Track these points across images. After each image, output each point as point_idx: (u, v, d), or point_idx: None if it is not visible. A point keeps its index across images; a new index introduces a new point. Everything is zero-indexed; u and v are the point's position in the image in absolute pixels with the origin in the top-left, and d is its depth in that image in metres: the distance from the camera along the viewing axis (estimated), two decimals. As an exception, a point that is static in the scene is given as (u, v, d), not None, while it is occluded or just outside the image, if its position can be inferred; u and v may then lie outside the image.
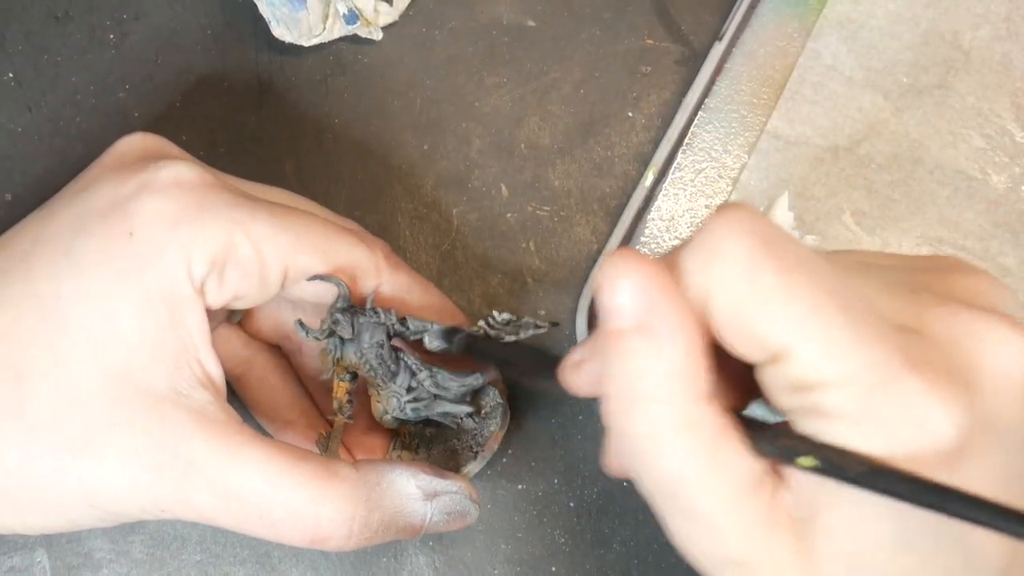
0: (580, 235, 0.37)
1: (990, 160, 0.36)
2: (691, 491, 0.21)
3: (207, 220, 0.27)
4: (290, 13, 0.35)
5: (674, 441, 0.21)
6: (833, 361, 0.20)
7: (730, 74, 0.36)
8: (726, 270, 0.20)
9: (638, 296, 0.20)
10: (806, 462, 0.20)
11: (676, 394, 0.21)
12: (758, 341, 0.20)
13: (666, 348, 0.20)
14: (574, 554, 0.36)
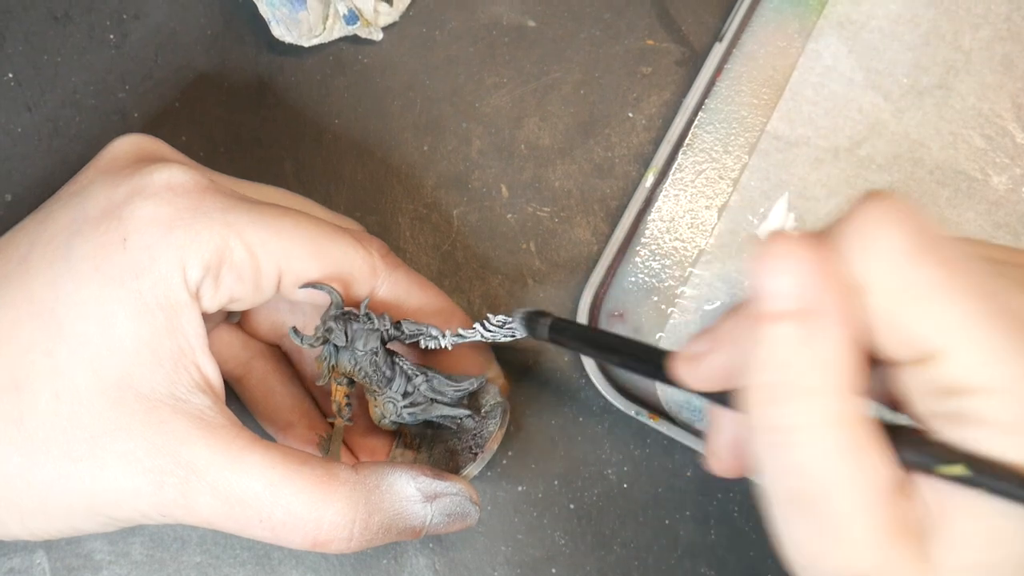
0: (580, 236, 0.37)
1: (991, 161, 0.36)
2: (831, 492, 0.20)
3: (201, 224, 0.27)
4: (290, 13, 0.35)
5: (824, 436, 0.20)
6: (990, 367, 0.19)
7: (730, 75, 0.36)
8: (885, 258, 0.20)
9: (799, 280, 0.20)
10: (953, 471, 0.19)
11: (831, 386, 0.20)
12: (910, 337, 0.20)
13: (825, 336, 0.19)
14: (574, 556, 0.36)
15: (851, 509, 0.20)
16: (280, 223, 0.29)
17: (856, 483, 0.20)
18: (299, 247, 0.29)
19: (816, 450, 0.20)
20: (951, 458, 0.19)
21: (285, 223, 0.29)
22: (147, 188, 0.27)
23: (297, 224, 0.29)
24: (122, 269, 0.27)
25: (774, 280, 0.20)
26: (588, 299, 0.36)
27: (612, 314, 0.36)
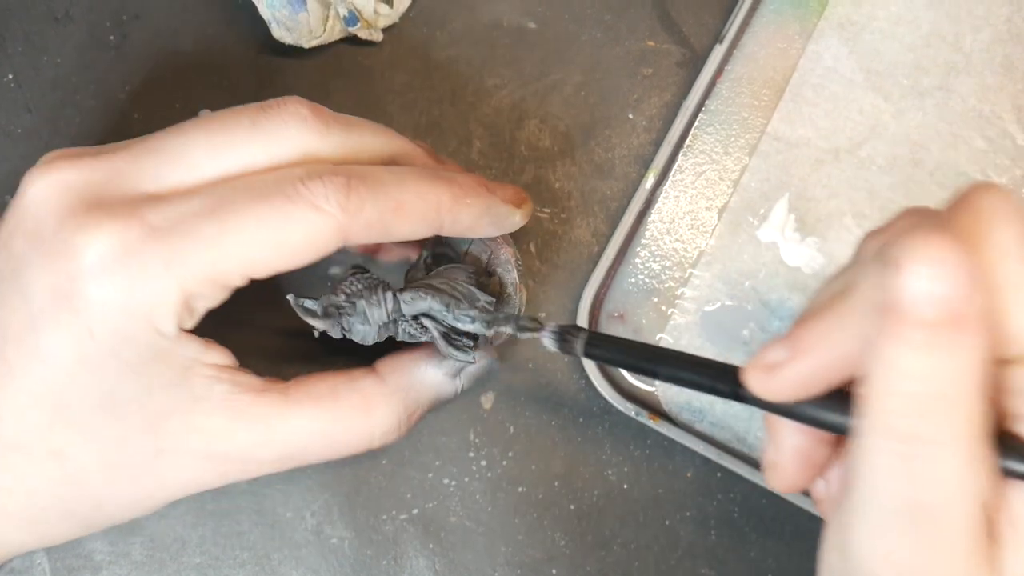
0: (580, 237, 0.37)
1: (991, 162, 0.36)
2: (955, 505, 0.19)
3: (158, 286, 0.26)
4: (290, 15, 0.35)
5: (964, 448, 0.19)
6: None
7: (731, 76, 0.36)
8: (1004, 252, 0.19)
9: (952, 285, 0.18)
10: None
11: (970, 398, 0.19)
12: (1021, 335, 0.19)
13: (972, 344, 0.19)
14: (575, 556, 0.36)
15: (964, 523, 0.19)
16: (225, 231, 0.26)
17: (974, 497, 0.19)
18: (256, 245, 0.26)
19: (954, 463, 0.19)
20: None
21: (230, 227, 0.26)
22: (88, 267, 0.26)
23: (244, 220, 0.26)
24: (101, 354, 0.26)
25: (925, 283, 0.19)
26: (588, 300, 0.36)
27: (612, 315, 0.36)
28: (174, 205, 0.26)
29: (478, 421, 0.36)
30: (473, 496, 0.36)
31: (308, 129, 0.27)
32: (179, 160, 0.27)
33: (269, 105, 0.28)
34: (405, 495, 0.36)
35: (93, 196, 0.26)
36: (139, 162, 0.27)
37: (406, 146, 0.30)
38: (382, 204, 0.27)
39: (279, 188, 0.26)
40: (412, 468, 0.36)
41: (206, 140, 0.27)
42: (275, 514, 0.36)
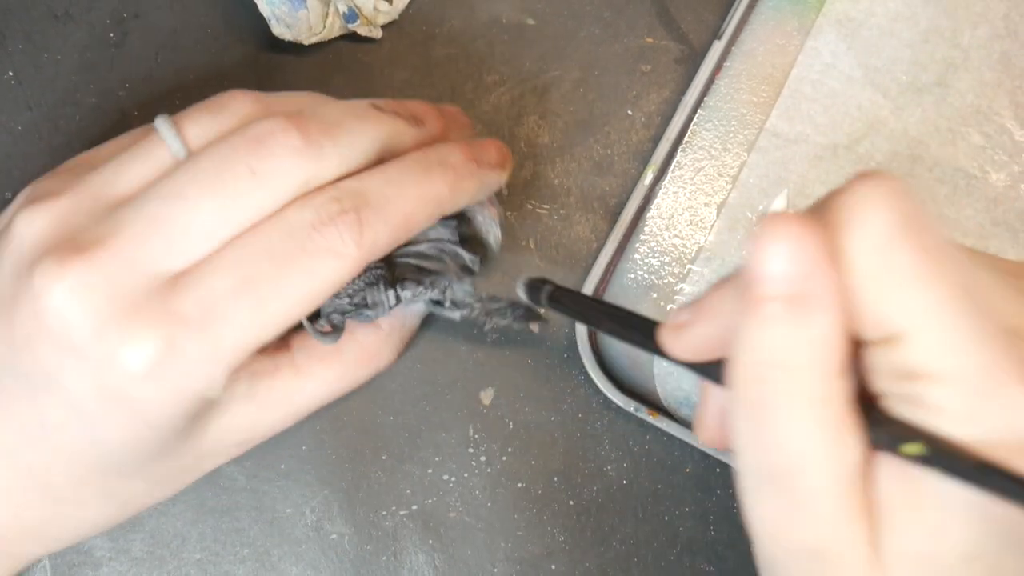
0: (580, 233, 0.37)
1: (989, 158, 0.36)
2: (807, 469, 0.20)
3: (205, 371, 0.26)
4: (290, 12, 0.35)
5: (806, 415, 0.20)
6: (949, 356, 0.19)
7: (729, 72, 0.37)
8: (868, 238, 0.20)
9: (795, 263, 0.20)
10: (912, 449, 0.20)
11: (819, 371, 0.20)
12: (880, 317, 0.20)
13: (817, 319, 0.20)
14: (574, 552, 0.36)
15: (821, 487, 0.20)
16: (260, 306, 0.26)
17: (830, 463, 0.20)
18: (289, 307, 0.27)
19: (797, 428, 0.20)
20: (912, 437, 0.20)
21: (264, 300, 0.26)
22: (135, 373, 0.25)
23: (275, 289, 0.27)
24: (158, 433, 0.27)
25: (770, 262, 0.20)
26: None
27: (611, 311, 0.36)
28: (201, 286, 0.26)
29: (477, 417, 0.36)
30: (472, 492, 0.36)
31: (304, 159, 0.27)
32: (190, 233, 0.26)
33: (259, 141, 0.27)
34: (404, 491, 0.36)
35: (119, 298, 0.25)
36: (150, 245, 0.26)
37: (391, 128, 0.29)
38: (391, 224, 0.28)
39: (297, 244, 0.26)
40: (411, 464, 0.36)
41: (212, 204, 0.26)
42: (275, 510, 0.36)
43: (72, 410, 0.26)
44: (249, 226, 0.27)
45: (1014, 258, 0.36)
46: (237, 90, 0.29)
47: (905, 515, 0.21)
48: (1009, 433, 0.19)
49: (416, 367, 0.36)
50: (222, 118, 0.28)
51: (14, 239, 0.27)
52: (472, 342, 0.36)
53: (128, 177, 0.27)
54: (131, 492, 0.29)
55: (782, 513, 0.21)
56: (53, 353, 0.26)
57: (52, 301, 0.25)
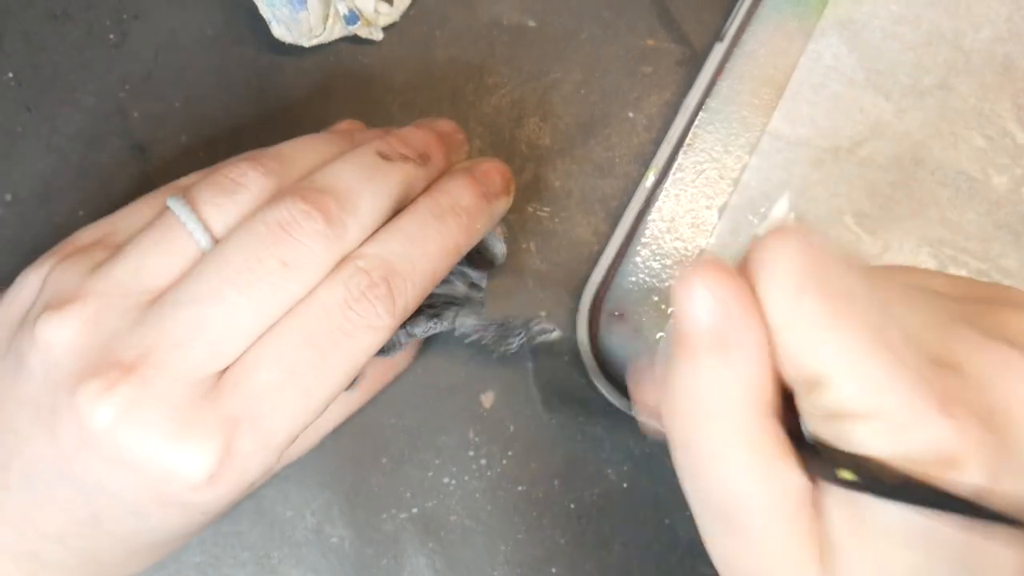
0: (581, 236, 0.37)
1: (991, 161, 0.36)
2: (747, 508, 0.21)
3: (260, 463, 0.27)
4: (290, 13, 0.35)
5: (738, 458, 0.21)
6: (868, 394, 0.20)
7: (731, 75, 0.36)
8: (778, 291, 0.21)
9: (717, 309, 0.20)
10: (846, 475, 0.20)
11: (746, 411, 0.21)
12: (799, 364, 0.21)
13: (740, 364, 0.21)
14: (574, 556, 0.36)
15: (765, 522, 0.21)
16: (307, 396, 0.27)
17: (769, 499, 0.21)
18: (335, 388, 0.27)
19: (732, 471, 0.21)
20: (845, 463, 0.20)
21: (309, 390, 0.27)
22: (200, 483, 0.26)
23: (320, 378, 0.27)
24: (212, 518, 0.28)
25: (692, 309, 0.21)
26: (588, 299, 0.36)
27: (612, 314, 0.36)
28: (247, 384, 0.26)
29: (478, 420, 0.36)
30: (473, 495, 0.36)
31: (329, 242, 0.27)
32: (230, 333, 0.26)
33: (285, 229, 0.26)
34: (405, 494, 0.36)
35: (169, 412, 0.25)
36: (192, 351, 0.26)
37: (403, 178, 0.29)
38: (419, 285, 0.28)
39: (334, 325, 0.26)
40: (412, 467, 0.36)
41: (249, 304, 0.26)
42: (275, 513, 0.36)
43: (127, 508, 0.26)
44: (284, 313, 0.26)
45: (1015, 264, 0.35)
46: (244, 161, 0.28)
47: (853, 544, 0.21)
48: (931, 453, 0.20)
49: (417, 370, 0.36)
50: (240, 199, 0.27)
51: (42, 346, 0.26)
52: (473, 346, 0.36)
53: (155, 271, 0.27)
54: (175, 548, 0.31)
55: (733, 547, 0.22)
56: (105, 468, 0.25)
57: (101, 423, 0.25)
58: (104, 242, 0.28)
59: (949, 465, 0.19)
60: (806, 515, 0.21)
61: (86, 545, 0.28)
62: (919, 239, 0.36)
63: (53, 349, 0.26)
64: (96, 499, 0.26)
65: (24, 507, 0.27)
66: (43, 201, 0.36)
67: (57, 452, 0.26)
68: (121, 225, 0.29)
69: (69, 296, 0.26)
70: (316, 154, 0.29)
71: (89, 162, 0.37)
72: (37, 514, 0.27)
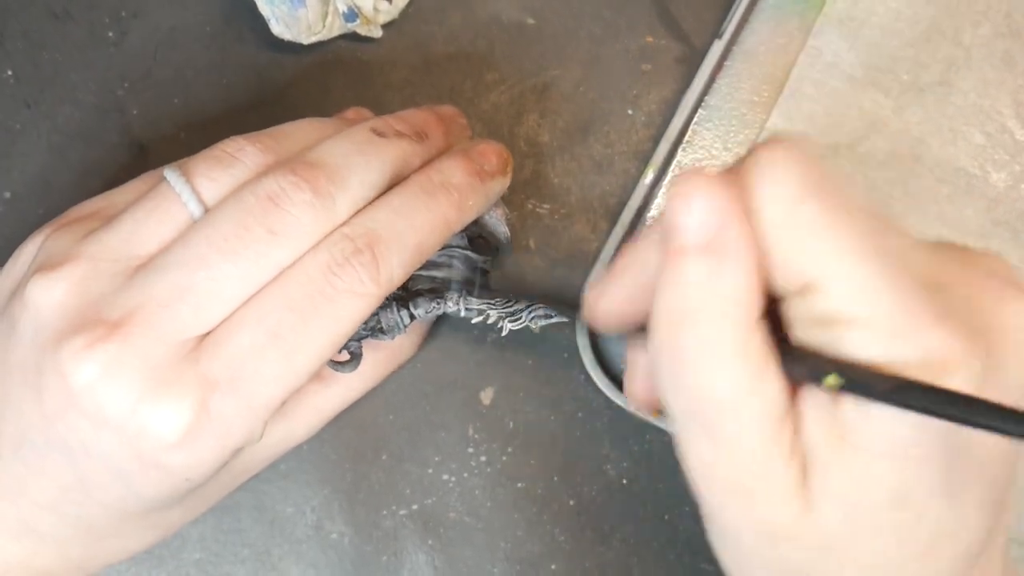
0: (580, 233, 0.37)
1: (990, 158, 0.36)
2: (729, 414, 0.21)
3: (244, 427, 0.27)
4: (289, 11, 0.35)
5: (724, 363, 0.21)
6: (862, 300, 0.20)
7: (730, 72, 0.36)
8: (777, 196, 0.21)
9: (708, 216, 0.21)
10: (832, 381, 0.20)
11: (733, 316, 0.21)
12: (793, 269, 0.21)
13: (730, 270, 0.21)
14: (574, 552, 0.36)
15: (745, 427, 0.21)
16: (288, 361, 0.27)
17: (751, 404, 0.21)
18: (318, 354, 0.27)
19: (716, 373, 0.21)
20: (832, 369, 0.20)
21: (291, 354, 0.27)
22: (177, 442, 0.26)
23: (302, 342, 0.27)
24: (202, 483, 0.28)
25: (686, 215, 0.21)
26: (588, 296, 0.36)
27: (612, 311, 0.36)
28: (228, 347, 0.26)
29: (477, 416, 0.36)
30: (472, 492, 0.36)
31: (317, 211, 0.27)
32: (214, 298, 0.26)
33: (273, 200, 0.27)
34: (404, 491, 0.36)
35: (150, 371, 0.26)
36: (176, 313, 0.26)
37: (396, 153, 0.29)
38: (405, 255, 0.28)
39: (317, 289, 0.27)
40: (411, 464, 0.36)
41: (235, 271, 0.26)
42: (275, 510, 0.36)
43: (111, 472, 0.27)
44: (269, 281, 0.27)
45: (1014, 260, 0.35)
46: (240, 138, 0.29)
47: (832, 457, 0.21)
48: (922, 360, 0.20)
49: (416, 366, 0.36)
50: (235, 172, 0.28)
51: (31, 307, 0.26)
52: (472, 342, 0.36)
53: (146, 238, 0.27)
54: (170, 520, 0.30)
55: (711, 453, 0.22)
56: (88, 426, 0.26)
57: (83, 380, 0.25)
58: (100, 214, 0.29)
59: (940, 371, 0.20)
60: (788, 426, 0.22)
61: (78, 513, 0.28)
62: (918, 235, 0.36)
63: (41, 310, 0.26)
64: (82, 463, 0.26)
65: (17, 476, 0.27)
66: (42, 199, 0.36)
67: (43, 414, 0.26)
68: (118, 198, 0.29)
69: (60, 259, 0.27)
70: (314, 133, 0.30)
71: (89, 160, 0.37)
72: (30, 483, 0.27)
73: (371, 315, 0.31)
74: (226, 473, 0.30)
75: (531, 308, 0.33)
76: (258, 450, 0.31)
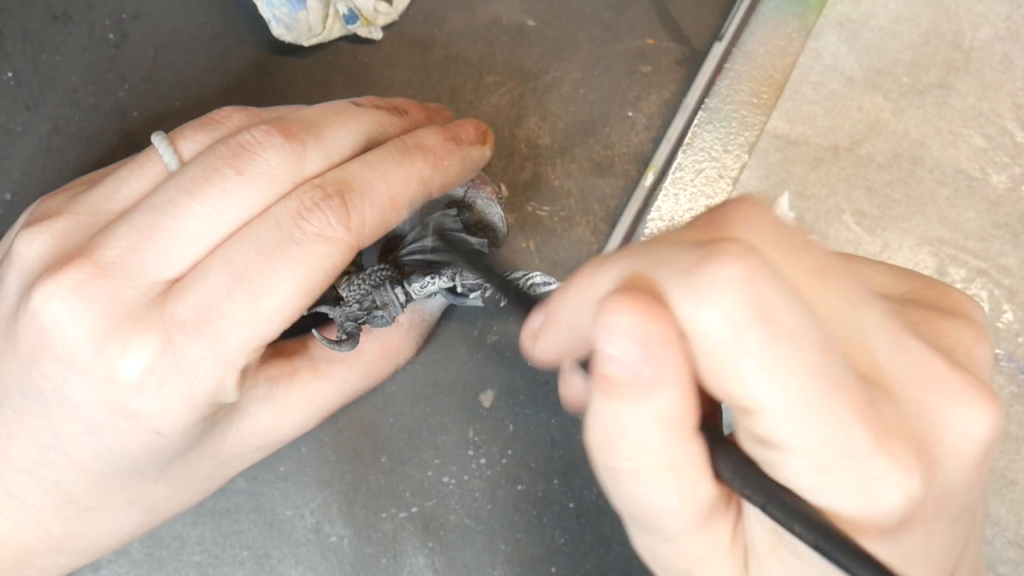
0: (580, 235, 0.37)
1: (990, 160, 0.36)
2: (666, 521, 0.21)
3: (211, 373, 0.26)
4: (290, 13, 0.35)
5: (656, 481, 0.21)
6: (800, 432, 0.20)
7: (730, 74, 0.36)
8: (713, 320, 0.19)
9: (635, 346, 0.20)
10: (756, 499, 0.20)
11: (663, 439, 0.20)
12: (729, 393, 0.20)
13: (658, 397, 0.20)
14: (574, 555, 0.36)
15: (683, 531, 0.21)
16: (256, 302, 0.27)
17: (689, 511, 0.21)
18: (286, 299, 0.27)
19: (651, 491, 0.21)
20: (757, 486, 0.20)
21: (258, 296, 0.27)
22: (139, 384, 0.26)
23: (269, 283, 0.27)
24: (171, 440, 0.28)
25: (612, 343, 0.20)
26: (588, 298, 0.36)
27: (612, 313, 0.36)
28: (195, 290, 0.26)
29: (477, 419, 0.36)
30: (472, 494, 0.36)
31: (287, 154, 0.28)
32: (181, 238, 0.27)
33: (243, 146, 0.27)
34: (404, 493, 0.36)
35: (115, 309, 0.26)
36: (143, 253, 0.26)
37: (373, 119, 0.30)
38: (378, 205, 0.28)
39: (286, 234, 0.27)
40: (411, 466, 0.36)
41: (201, 209, 0.27)
42: (274, 512, 0.36)
43: (83, 423, 0.26)
44: (239, 226, 0.27)
45: (1014, 262, 0.35)
46: (229, 106, 0.29)
47: (771, 558, 0.21)
48: (860, 485, 0.20)
49: (416, 369, 0.36)
50: (214, 131, 0.29)
51: (16, 259, 0.27)
52: (472, 344, 0.36)
53: (124, 192, 0.28)
54: (153, 498, 0.30)
55: (655, 548, 0.22)
56: (58, 368, 0.26)
57: (50, 316, 0.26)
58: (90, 180, 0.30)
59: (877, 495, 0.19)
60: (728, 518, 0.22)
61: (56, 478, 0.28)
62: (918, 238, 0.36)
63: (24, 260, 0.27)
64: (55, 413, 0.27)
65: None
66: (43, 200, 0.36)
67: (20, 362, 0.26)
68: (109, 170, 0.30)
69: (45, 216, 0.28)
70: (298, 107, 0.31)
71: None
72: (11, 444, 0.27)
73: (365, 295, 0.31)
74: (209, 455, 0.29)
75: (528, 275, 0.32)
76: (245, 436, 0.30)
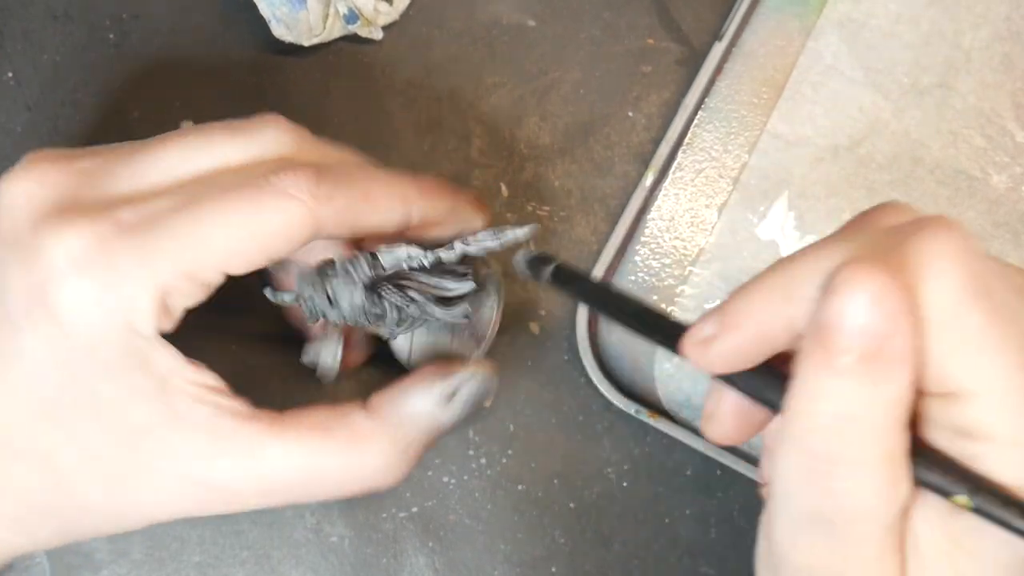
0: (580, 235, 0.37)
1: (991, 160, 0.36)
2: (861, 522, 0.20)
3: (129, 287, 0.26)
4: (290, 12, 0.35)
5: (872, 472, 0.20)
6: (1009, 420, 0.19)
7: (730, 74, 0.36)
8: (941, 291, 0.19)
9: (877, 320, 0.19)
10: (962, 501, 0.19)
11: (888, 426, 0.20)
12: (944, 374, 0.20)
13: (894, 378, 0.19)
14: (574, 554, 0.36)
15: (870, 533, 0.20)
16: (198, 223, 0.26)
17: (884, 512, 0.20)
18: (229, 236, 0.27)
19: (861, 482, 0.20)
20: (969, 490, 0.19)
21: (202, 219, 0.26)
22: (60, 267, 0.26)
23: (216, 212, 0.26)
24: (77, 354, 0.26)
25: (850, 314, 0.19)
26: (588, 298, 0.36)
27: (612, 313, 0.36)
28: (147, 204, 0.26)
29: (477, 419, 0.36)
30: (473, 494, 0.36)
31: (283, 134, 0.28)
32: (153, 163, 0.27)
33: (251, 118, 0.28)
34: (404, 493, 0.36)
35: (67, 199, 0.26)
36: (113, 165, 0.27)
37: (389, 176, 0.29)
38: (351, 192, 0.28)
39: (250, 180, 0.27)
40: (412, 466, 0.36)
41: (182, 143, 0.27)
42: (274, 513, 0.36)
43: (4, 316, 0.26)
44: (211, 173, 0.27)
45: (1015, 261, 0.35)
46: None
47: (936, 557, 0.20)
48: None
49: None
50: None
51: (5, 201, 0.27)
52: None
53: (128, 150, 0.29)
54: (65, 461, 0.27)
55: (825, 553, 0.21)
56: (5, 253, 0.26)
57: (5, 197, 0.27)
58: None
59: None
60: (905, 526, 0.21)
61: (42, 448, 0.27)
62: None
63: (12, 201, 0.27)
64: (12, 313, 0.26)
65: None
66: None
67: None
68: None
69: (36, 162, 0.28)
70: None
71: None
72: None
73: (328, 268, 0.29)
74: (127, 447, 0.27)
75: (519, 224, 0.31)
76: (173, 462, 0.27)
